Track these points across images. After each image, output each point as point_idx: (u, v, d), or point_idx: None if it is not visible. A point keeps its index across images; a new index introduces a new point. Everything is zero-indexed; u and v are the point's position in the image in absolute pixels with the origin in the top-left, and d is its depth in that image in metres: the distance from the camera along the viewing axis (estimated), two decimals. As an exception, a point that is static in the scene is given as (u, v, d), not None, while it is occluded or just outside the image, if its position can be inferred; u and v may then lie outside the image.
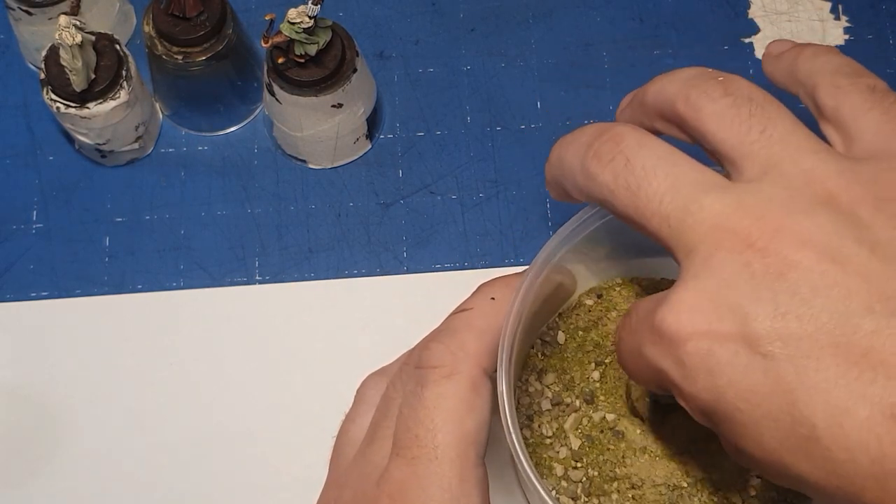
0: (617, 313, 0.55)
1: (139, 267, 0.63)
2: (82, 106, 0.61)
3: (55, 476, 0.60)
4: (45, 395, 0.61)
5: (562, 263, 0.50)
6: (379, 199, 0.65)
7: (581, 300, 0.55)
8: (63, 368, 0.61)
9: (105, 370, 0.61)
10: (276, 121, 0.63)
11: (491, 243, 0.63)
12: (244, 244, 0.64)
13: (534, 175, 0.65)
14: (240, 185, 0.65)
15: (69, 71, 0.59)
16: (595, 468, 0.51)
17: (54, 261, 0.64)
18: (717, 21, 0.68)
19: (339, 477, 0.47)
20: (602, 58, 0.68)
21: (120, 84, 0.61)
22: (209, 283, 0.63)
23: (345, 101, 0.61)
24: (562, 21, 0.69)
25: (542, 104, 0.66)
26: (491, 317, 0.45)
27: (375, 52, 0.68)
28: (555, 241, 0.49)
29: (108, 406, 0.61)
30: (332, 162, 0.65)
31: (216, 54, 0.61)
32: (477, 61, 0.68)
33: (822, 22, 0.68)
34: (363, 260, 0.63)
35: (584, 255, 0.52)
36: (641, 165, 0.39)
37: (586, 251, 0.52)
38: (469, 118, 0.66)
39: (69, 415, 0.60)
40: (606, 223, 0.49)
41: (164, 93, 0.65)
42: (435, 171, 0.65)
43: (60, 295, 0.63)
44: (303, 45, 0.58)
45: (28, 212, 0.65)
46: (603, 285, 0.56)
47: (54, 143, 0.66)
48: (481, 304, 0.46)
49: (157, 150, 0.66)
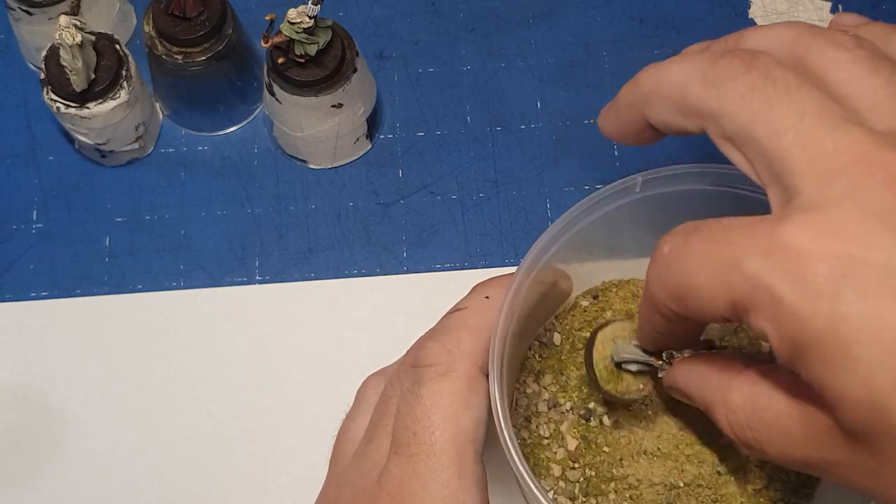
0: (613, 313, 0.55)
1: (139, 267, 0.63)
2: (82, 106, 0.61)
3: (55, 476, 0.60)
4: (45, 395, 0.61)
5: (554, 262, 0.50)
6: (379, 199, 0.65)
7: (577, 301, 0.55)
8: (63, 368, 0.61)
9: (105, 370, 0.61)
10: (276, 121, 0.63)
11: (491, 243, 0.63)
12: (244, 244, 0.64)
13: (534, 175, 0.65)
14: (240, 185, 0.65)
15: (69, 71, 0.59)
16: (592, 468, 0.51)
17: (54, 261, 0.63)
18: (717, 21, 0.68)
19: (338, 475, 0.47)
20: (602, 58, 0.68)
21: (120, 84, 0.61)
22: (209, 283, 0.63)
23: (345, 101, 0.61)
24: (562, 21, 0.69)
25: (542, 104, 0.66)
26: (486, 315, 0.45)
27: (375, 52, 0.68)
28: (545, 238, 0.49)
29: (107, 406, 0.61)
30: (332, 162, 0.65)
31: (216, 54, 0.61)
32: (477, 61, 0.68)
33: (823, 22, 0.68)
34: (363, 260, 0.63)
35: (578, 255, 0.52)
36: (784, 81, 0.38)
37: (580, 250, 0.52)
38: (469, 118, 0.66)
39: (69, 414, 0.60)
40: (596, 220, 0.49)
41: (164, 93, 0.65)
42: (435, 171, 0.65)
43: (60, 295, 0.63)
44: (303, 45, 0.58)
45: (28, 212, 0.65)
46: (598, 286, 0.56)
47: (54, 144, 0.66)
48: (476, 303, 0.46)
49: (157, 150, 0.66)
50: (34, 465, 0.60)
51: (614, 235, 0.50)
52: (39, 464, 0.60)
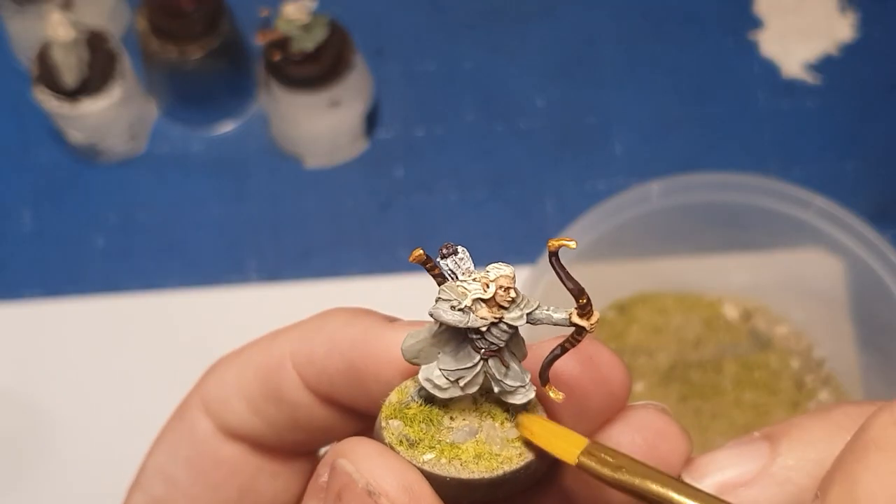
0: (639, 326, 0.54)
1: (133, 267, 0.63)
2: (75, 103, 0.60)
3: (44, 480, 0.59)
4: (37, 397, 0.60)
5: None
6: (377, 199, 0.64)
7: (602, 314, 0.54)
8: (55, 369, 0.61)
9: (98, 371, 0.61)
10: (273, 118, 0.62)
11: (491, 243, 0.63)
12: (239, 244, 0.63)
13: (534, 175, 0.64)
14: (235, 184, 0.64)
15: (62, 67, 0.58)
16: None
17: (47, 260, 0.63)
18: (721, 16, 0.67)
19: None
20: (605, 55, 0.67)
21: (113, 80, 0.60)
22: (204, 282, 0.62)
23: (342, 98, 0.60)
24: (564, 17, 0.68)
25: (544, 102, 0.66)
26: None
27: (374, 48, 0.67)
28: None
29: (99, 407, 0.60)
30: (329, 160, 0.64)
31: (211, 50, 0.61)
32: (477, 58, 0.67)
33: (829, 18, 0.67)
34: (361, 260, 0.63)
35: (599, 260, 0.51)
36: None
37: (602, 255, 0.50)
38: (469, 116, 0.65)
39: (61, 416, 0.60)
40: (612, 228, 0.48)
41: (158, 89, 0.64)
42: (435, 170, 0.64)
43: (53, 295, 0.62)
44: (299, 42, 0.57)
45: (20, 211, 0.64)
46: (624, 299, 0.54)
47: (46, 142, 0.66)
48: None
49: (150, 149, 0.65)
50: (24, 469, 0.59)
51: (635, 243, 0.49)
52: (29, 466, 0.59)
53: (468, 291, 0.25)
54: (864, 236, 0.55)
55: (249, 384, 0.31)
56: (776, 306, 0.58)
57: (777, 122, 0.65)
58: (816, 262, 0.57)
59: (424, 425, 0.27)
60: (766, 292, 0.58)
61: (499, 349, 0.26)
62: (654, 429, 0.29)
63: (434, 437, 0.27)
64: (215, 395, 0.32)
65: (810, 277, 0.58)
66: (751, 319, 0.58)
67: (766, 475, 0.29)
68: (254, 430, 0.32)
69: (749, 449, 0.29)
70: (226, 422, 0.33)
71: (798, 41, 0.66)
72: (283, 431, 0.32)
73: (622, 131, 0.65)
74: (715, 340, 0.57)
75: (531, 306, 0.26)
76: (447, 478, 0.26)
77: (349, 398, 0.30)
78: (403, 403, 0.27)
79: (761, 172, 0.60)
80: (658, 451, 0.28)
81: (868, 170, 0.64)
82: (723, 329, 0.58)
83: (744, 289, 0.58)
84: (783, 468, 0.29)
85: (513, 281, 0.25)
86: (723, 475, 0.29)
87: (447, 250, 0.25)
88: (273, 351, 0.31)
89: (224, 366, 0.33)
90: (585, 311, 0.25)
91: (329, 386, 0.30)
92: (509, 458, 0.26)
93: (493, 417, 0.27)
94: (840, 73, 0.66)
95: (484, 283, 0.25)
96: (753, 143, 0.65)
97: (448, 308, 0.25)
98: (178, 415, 0.35)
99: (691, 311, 0.57)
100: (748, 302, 0.58)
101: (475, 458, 0.26)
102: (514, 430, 0.27)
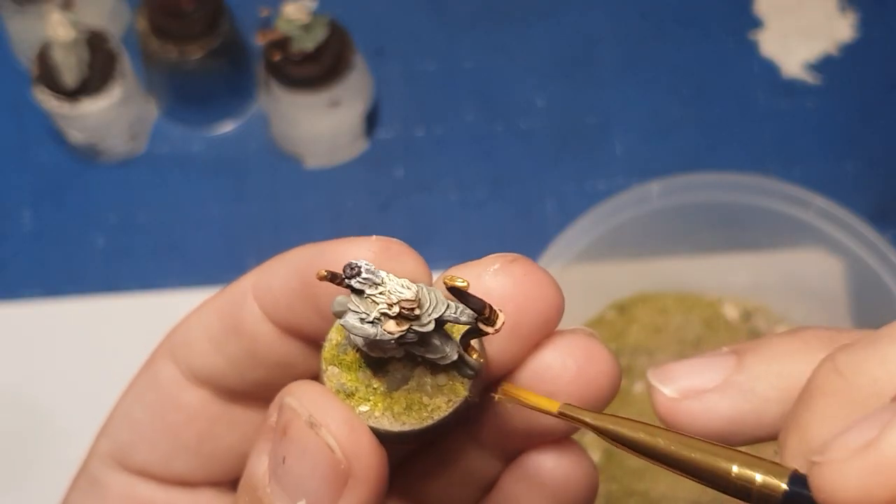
0: (638, 326, 0.54)
1: (133, 267, 0.63)
2: (75, 103, 0.60)
3: (45, 479, 0.59)
4: (37, 397, 0.60)
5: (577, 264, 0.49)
6: (377, 199, 0.64)
7: (602, 314, 0.54)
8: (54, 369, 0.60)
9: (98, 371, 0.60)
10: (273, 118, 0.62)
11: (491, 243, 0.62)
12: (239, 244, 0.63)
13: (534, 175, 0.64)
14: (235, 184, 0.64)
15: (62, 67, 0.58)
16: (615, 482, 0.50)
17: (47, 260, 0.63)
18: (721, 16, 0.67)
19: None
20: (605, 55, 0.67)
21: (113, 80, 0.60)
22: (204, 282, 0.62)
23: (342, 98, 0.60)
24: (564, 17, 0.68)
25: (544, 102, 0.66)
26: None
27: (374, 48, 0.67)
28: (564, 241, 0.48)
29: (100, 408, 0.60)
30: (329, 160, 0.64)
31: (211, 50, 0.60)
32: (477, 58, 0.67)
33: (829, 18, 0.67)
34: (361, 260, 0.63)
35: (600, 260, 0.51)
36: None
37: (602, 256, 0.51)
38: (469, 116, 0.65)
39: (61, 416, 0.60)
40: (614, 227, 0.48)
41: (158, 89, 0.64)
42: (435, 170, 0.64)
43: (53, 295, 0.62)
44: (299, 42, 0.57)
45: (20, 211, 0.64)
46: (624, 299, 0.55)
47: (46, 142, 0.66)
48: None
49: (150, 149, 0.65)
50: (23, 470, 0.59)
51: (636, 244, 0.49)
52: (28, 468, 0.59)
53: (377, 304, 0.26)
54: (864, 236, 0.55)
55: (212, 322, 0.32)
56: (776, 306, 0.58)
57: (777, 123, 0.65)
58: (816, 262, 0.57)
59: (361, 373, 0.28)
60: (766, 292, 0.58)
61: (414, 343, 0.27)
62: (584, 352, 0.30)
63: (369, 387, 0.28)
64: (181, 340, 0.33)
65: (810, 277, 0.58)
66: (751, 319, 0.58)
67: (731, 383, 0.30)
68: (215, 369, 0.33)
69: (717, 360, 0.31)
70: (190, 364, 0.33)
71: (798, 41, 0.66)
72: (244, 369, 0.32)
73: (622, 131, 0.65)
74: (715, 340, 0.57)
75: (440, 310, 0.26)
76: (381, 430, 0.27)
77: (307, 322, 0.31)
78: (341, 348, 0.28)
79: (761, 172, 0.60)
80: (587, 373, 0.30)
81: (868, 170, 0.64)
82: (723, 329, 0.58)
83: (744, 289, 0.58)
84: (748, 378, 0.30)
85: (416, 301, 0.26)
86: (689, 381, 0.30)
87: (351, 271, 0.25)
88: (235, 288, 0.32)
89: (192, 312, 0.34)
90: (490, 321, 0.27)
91: (287, 310, 0.31)
92: (438, 407, 0.28)
93: (425, 363, 0.28)
94: (840, 73, 0.66)
95: (388, 304, 0.26)
96: (753, 143, 0.65)
97: (358, 321, 0.26)
98: (148, 363, 0.35)
99: (691, 311, 0.57)
100: (748, 302, 0.58)
101: (406, 410, 0.28)
102: (443, 375, 0.28)
